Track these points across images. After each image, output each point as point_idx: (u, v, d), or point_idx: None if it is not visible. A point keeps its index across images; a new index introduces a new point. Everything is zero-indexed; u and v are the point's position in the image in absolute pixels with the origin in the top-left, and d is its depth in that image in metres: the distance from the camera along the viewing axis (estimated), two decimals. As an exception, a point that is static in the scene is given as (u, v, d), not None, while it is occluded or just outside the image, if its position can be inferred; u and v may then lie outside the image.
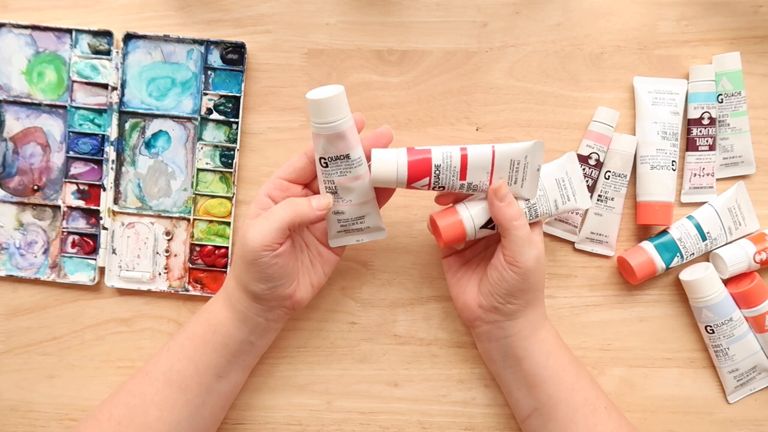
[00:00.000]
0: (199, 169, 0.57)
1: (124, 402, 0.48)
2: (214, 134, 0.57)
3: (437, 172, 0.47)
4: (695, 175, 0.57)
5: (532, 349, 0.50)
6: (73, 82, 0.56)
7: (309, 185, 0.50)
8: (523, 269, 0.47)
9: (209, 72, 0.56)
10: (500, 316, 0.50)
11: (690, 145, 0.57)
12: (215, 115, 0.56)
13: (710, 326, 0.55)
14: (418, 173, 0.47)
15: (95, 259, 0.57)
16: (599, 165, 0.56)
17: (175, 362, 0.49)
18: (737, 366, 0.55)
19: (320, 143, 0.46)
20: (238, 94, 0.56)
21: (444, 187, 0.48)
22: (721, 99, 0.57)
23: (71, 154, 0.57)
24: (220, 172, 0.57)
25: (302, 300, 0.50)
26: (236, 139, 0.56)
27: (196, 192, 0.57)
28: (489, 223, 0.49)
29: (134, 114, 0.57)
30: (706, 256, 0.57)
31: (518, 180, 0.49)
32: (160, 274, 0.57)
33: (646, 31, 0.57)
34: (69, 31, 0.56)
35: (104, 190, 0.57)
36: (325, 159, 0.47)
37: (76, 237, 0.57)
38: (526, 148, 0.48)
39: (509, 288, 0.48)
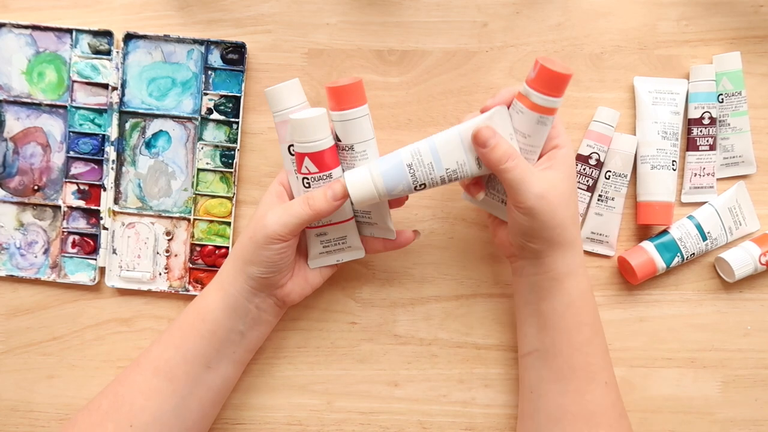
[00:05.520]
0: (199, 169, 0.57)
1: (114, 391, 0.49)
2: (215, 134, 0.57)
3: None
4: (695, 174, 0.57)
5: (554, 293, 0.49)
6: (74, 82, 0.56)
7: None
8: (525, 209, 0.46)
9: (209, 72, 0.56)
10: (528, 254, 0.49)
11: (690, 144, 0.57)
12: (215, 115, 0.56)
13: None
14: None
15: (95, 259, 0.57)
16: (599, 165, 0.56)
17: (164, 351, 0.49)
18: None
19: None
20: (238, 94, 0.56)
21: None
22: (722, 99, 0.57)
23: (71, 154, 0.57)
24: (221, 172, 0.57)
25: (293, 292, 0.51)
26: (236, 139, 0.56)
27: (197, 192, 0.57)
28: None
29: (134, 114, 0.57)
30: (707, 256, 0.57)
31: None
32: (160, 274, 0.57)
33: (646, 31, 0.57)
34: (69, 31, 0.56)
35: (104, 190, 0.57)
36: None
37: (77, 237, 0.57)
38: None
39: (522, 228, 0.47)
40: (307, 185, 0.48)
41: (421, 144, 0.47)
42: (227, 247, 0.56)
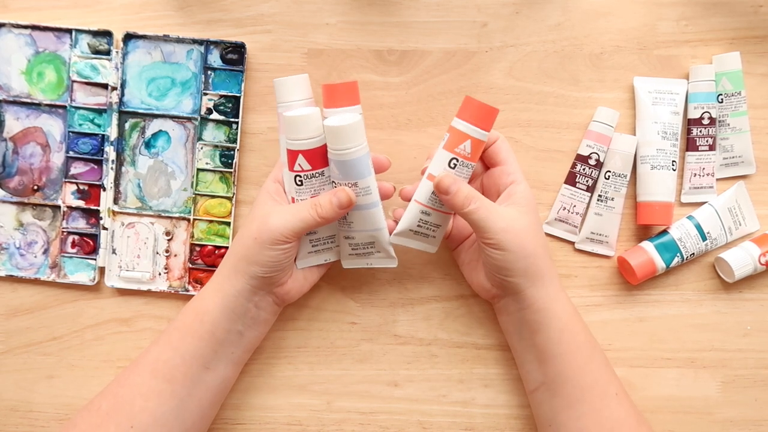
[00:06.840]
0: (199, 169, 0.57)
1: (113, 393, 0.49)
2: (214, 134, 0.57)
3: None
4: (695, 175, 0.57)
5: (545, 324, 0.50)
6: (73, 82, 0.56)
7: None
8: (494, 243, 0.48)
9: (209, 72, 0.56)
10: (509, 291, 0.50)
11: (690, 145, 0.57)
12: (215, 115, 0.56)
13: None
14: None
15: (95, 259, 0.57)
16: (599, 165, 0.56)
17: (162, 352, 0.49)
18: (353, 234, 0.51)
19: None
20: (238, 94, 0.56)
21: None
22: (721, 99, 0.57)
23: (71, 154, 0.56)
24: (220, 172, 0.57)
25: (292, 290, 0.51)
26: (236, 139, 0.56)
27: (196, 192, 0.57)
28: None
29: (134, 114, 0.57)
30: (707, 257, 0.58)
31: None
32: (160, 274, 0.57)
33: (646, 31, 0.57)
34: (69, 31, 0.56)
35: (104, 190, 0.57)
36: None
37: (76, 237, 0.57)
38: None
39: (497, 264, 0.49)
40: (299, 183, 0.48)
41: (373, 181, 0.48)
42: (227, 247, 0.56)
